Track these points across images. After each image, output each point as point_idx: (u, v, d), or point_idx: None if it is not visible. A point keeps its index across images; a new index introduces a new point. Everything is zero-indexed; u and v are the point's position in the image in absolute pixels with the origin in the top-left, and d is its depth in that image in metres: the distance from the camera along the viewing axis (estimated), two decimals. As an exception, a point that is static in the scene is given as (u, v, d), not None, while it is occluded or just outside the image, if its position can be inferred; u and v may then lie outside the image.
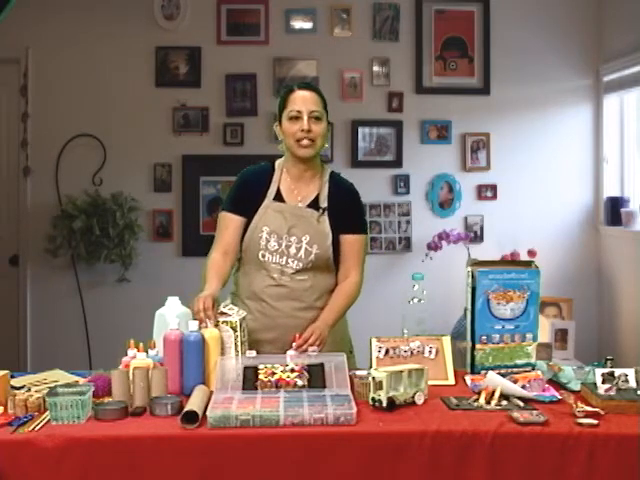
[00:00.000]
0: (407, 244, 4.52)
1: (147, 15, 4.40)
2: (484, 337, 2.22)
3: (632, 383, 2.02)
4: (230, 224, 2.44)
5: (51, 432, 1.75)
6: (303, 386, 2.00)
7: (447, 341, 2.28)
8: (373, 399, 1.92)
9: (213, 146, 4.44)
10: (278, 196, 2.44)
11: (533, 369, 2.21)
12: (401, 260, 4.49)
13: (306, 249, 2.39)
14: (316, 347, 2.20)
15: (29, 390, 2.04)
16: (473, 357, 2.24)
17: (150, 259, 4.40)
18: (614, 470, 1.76)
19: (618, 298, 4.31)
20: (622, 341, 4.23)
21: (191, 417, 1.78)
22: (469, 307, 2.25)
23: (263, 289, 2.41)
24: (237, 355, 2.15)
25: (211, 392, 1.97)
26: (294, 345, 2.20)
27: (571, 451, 1.77)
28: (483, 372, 2.16)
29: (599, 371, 2.04)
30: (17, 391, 2.00)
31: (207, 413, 1.80)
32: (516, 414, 1.84)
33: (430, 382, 2.05)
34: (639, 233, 4.09)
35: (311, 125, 2.36)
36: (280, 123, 2.42)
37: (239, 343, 2.16)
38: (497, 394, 1.96)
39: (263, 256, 2.40)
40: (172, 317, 2.16)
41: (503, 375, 2.07)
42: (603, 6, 4.49)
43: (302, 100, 2.37)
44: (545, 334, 4.00)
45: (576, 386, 2.10)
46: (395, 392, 1.92)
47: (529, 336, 2.25)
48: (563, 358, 3.98)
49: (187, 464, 1.73)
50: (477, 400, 1.98)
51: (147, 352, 2.13)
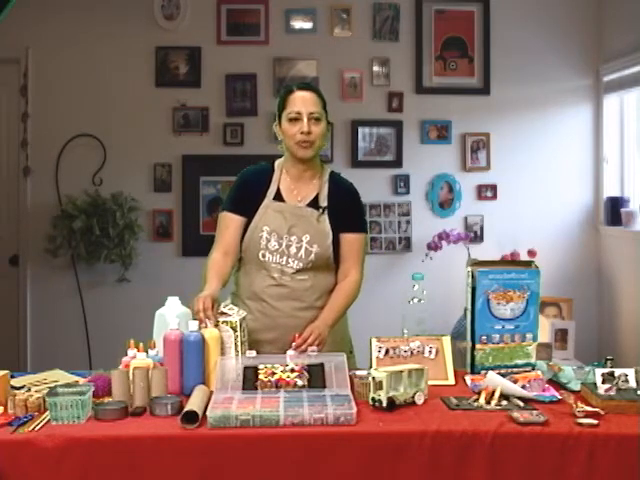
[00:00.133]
0: (407, 244, 4.51)
1: (147, 15, 4.40)
2: (484, 337, 2.22)
3: (632, 383, 2.02)
4: (230, 224, 2.44)
5: (51, 432, 1.75)
6: (303, 386, 2.00)
7: (447, 341, 2.28)
8: (373, 399, 1.92)
9: (213, 146, 4.44)
10: (278, 196, 2.44)
11: (533, 369, 2.21)
12: (401, 260, 4.49)
13: (306, 249, 2.39)
14: (316, 347, 2.20)
15: (29, 390, 2.04)
16: (473, 357, 2.24)
17: (150, 259, 4.40)
18: (614, 470, 1.76)
19: (618, 298, 4.31)
20: (622, 341, 4.23)
21: (191, 417, 1.78)
22: (469, 307, 2.25)
23: (264, 289, 2.41)
24: (237, 355, 2.14)
25: (211, 392, 1.97)
26: (293, 345, 2.20)
27: (571, 451, 1.76)
28: (483, 372, 2.16)
29: (599, 371, 2.04)
30: (17, 391, 2.00)
31: (207, 413, 1.80)
32: (516, 414, 1.84)
33: (430, 382, 2.05)
34: (639, 233, 4.09)
35: (311, 126, 2.35)
36: (279, 123, 2.42)
37: (239, 343, 2.16)
38: (497, 394, 1.96)
39: (263, 256, 2.40)
40: (172, 317, 2.16)
41: (503, 375, 2.07)
42: (603, 6, 4.49)
43: (301, 101, 2.37)
44: (545, 334, 4.00)
45: (576, 386, 2.10)
46: (395, 392, 1.92)
47: (529, 336, 2.25)
48: (563, 358, 3.98)
49: (187, 464, 1.73)
50: (477, 400, 1.98)
51: (147, 352, 2.13)
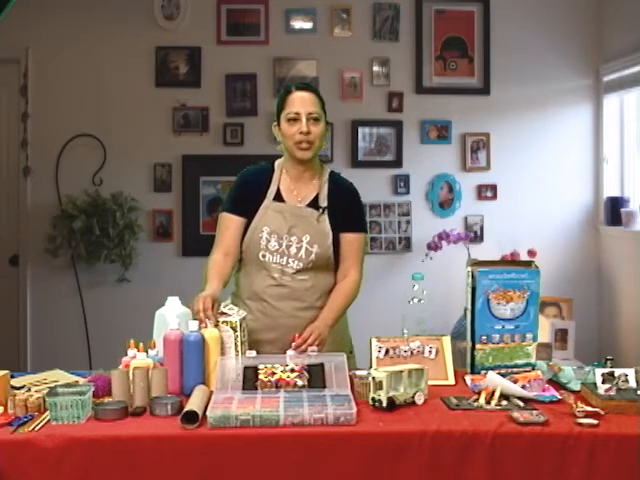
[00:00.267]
0: (407, 244, 4.51)
1: (147, 15, 4.40)
2: (484, 337, 2.22)
3: (632, 383, 2.02)
4: (230, 225, 2.43)
5: (51, 432, 1.75)
6: (303, 386, 2.00)
7: (447, 341, 2.28)
8: (373, 399, 1.92)
9: (213, 146, 4.44)
10: (278, 196, 2.44)
11: (533, 369, 2.21)
12: (401, 260, 4.48)
13: (306, 249, 2.39)
14: (316, 347, 2.20)
15: (29, 390, 2.04)
16: (473, 357, 2.24)
17: (150, 259, 4.40)
18: (614, 470, 1.76)
19: (618, 298, 4.31)
20: (622, 341, 4.23)
21: (191, 417, 1.78)
22: (469, 307, 2.25)
23: (264, 289, 2.41)
24: (237, 355, 2.14)
25: (211, 392, 1.97)
26: (293, 345, 2.20)
27: (571, 451, 1.76)
28: (483, 372, 2.16)
29: (599, 371, 2.04)
30: (17, 391, 2.00)
31: (207, 413, 1.79)
32: (516, 414, 1.84)
33: (430, 382, 2.05)
34: (639, 233, 4.09)
35: (310, 127, 2.35)
36: (278, 124, 2.42)
37: (239, 343, 2.16)
38: (497, 394, 1.96)
39: (263, 256, 2.40)
40: (172, 317, 2.16)
41: (503, 375, 2.07)
42: (603, 6, 4.49)
43: (300, 101, 2.36)
44: (545, 334, 4.00)
45: (576, 386, 2.10)
46: (395, 392, 1.92)
47: (529, 336, 2.25)
48: (563, 358, 3.98)
49: (187, 464, 1.73)
50: (477, 400, 1.98)
51: (147, 352, 2.13)
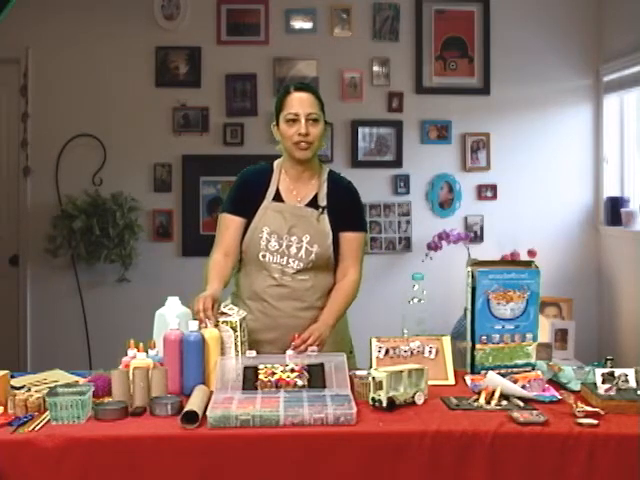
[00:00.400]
0: (407, 244, 4.51)
1: (147, 15, 4.40)
2: (484, 337, 2.22)
3: (632, 383, 2.02)
4: (230, 225, 2.43)
5: (51, 432, 1.75)
6: (303, 386, 2.00)
7: (447, 341, 2.28)
8: (373, 399, 1.92)
9: (213, 146, 4.44)
10: (277, 196, 2.44)
11: (533, 369, 2.21)
12: (401, 260, 4.48)
13: (307, 249, 2.39)
14: (315, 347, 2.20)
15: (29, 390, 2.04)
16: (473, 357, 2.24)
17: (150, 259, 4.40)
18: (614, 470, 1.76)
19: (618, 298, 4.31)
20: (622, 341, 4.23)
21: (191, 417, 1.78)
22: (469, 307, 2.25)
23: (264, 289, 2.41)
24: (237, 355, 2.14)
25: (211, 392, 1.97)
26: (292, 345, 2.20)
27: (571, 451, 1.76)
28: (483, 372, 2.16)
29: (599, 371, 2.04)
30: (17, 391, 2.00)
31: (207, 413, 1.79)
32: (516, 414, 1.84)
33: (430, 382, 2.05)
34: (639, 233, 4.09)
35: (309, 128, 2.35)
36: (277, 124, 2.42)
37: (239, 343, 2.16)
38: (497, 394, 1.96)
39: (264, 256, 2.40)
40: (172, 317, 2.16)
41: (503, 375, 2.07)
42: (603, 6, 4.49)
43: (299, 102, 2.36)
44: (545, 334, 4.00)
45: (576, 386, 2.10)
46: (395, 392, 1.92)
47: (529, 336, 2.25)
48: (563, 358, 3.98)
49: (187, 464, 1.73)
50: (477, 400, 1.98)
51: (147, 352, 2.13)
